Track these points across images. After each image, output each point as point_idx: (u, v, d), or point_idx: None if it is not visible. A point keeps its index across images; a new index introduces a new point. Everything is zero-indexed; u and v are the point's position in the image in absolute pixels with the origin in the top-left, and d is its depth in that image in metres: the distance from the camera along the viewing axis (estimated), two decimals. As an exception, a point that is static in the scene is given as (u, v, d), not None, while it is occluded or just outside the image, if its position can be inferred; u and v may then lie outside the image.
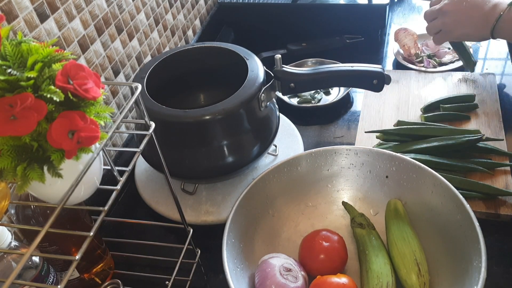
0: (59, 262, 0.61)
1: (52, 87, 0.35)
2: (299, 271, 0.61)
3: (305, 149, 0.84)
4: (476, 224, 0.56)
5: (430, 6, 0.88)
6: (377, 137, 0.85)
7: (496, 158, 0.77)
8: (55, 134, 0.35)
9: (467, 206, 0.58)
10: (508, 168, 0.75)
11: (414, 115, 0.89)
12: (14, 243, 0.51)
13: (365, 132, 0.85)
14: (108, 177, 0.50)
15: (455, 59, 1.01)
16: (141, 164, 0.85)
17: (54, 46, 0.38)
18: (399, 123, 0.86)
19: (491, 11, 0.76)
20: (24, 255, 0.35)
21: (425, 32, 1.08)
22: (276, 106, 0.79)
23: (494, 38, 0.78)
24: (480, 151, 0.78)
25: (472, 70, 0.93)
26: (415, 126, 0.84)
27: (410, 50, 1.04)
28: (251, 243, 0.65)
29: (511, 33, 0.76)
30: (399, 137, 0.83)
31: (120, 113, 0.68)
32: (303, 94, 0.99)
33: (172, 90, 0.81)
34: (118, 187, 0.42)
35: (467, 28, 0.81)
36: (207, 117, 0.66)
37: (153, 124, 0.49)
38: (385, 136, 0.84)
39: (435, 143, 0.78)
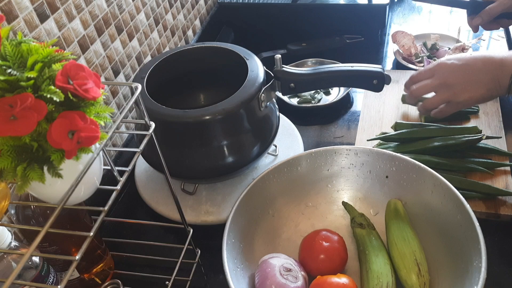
0: (59, 262, 0.61)
1: (52, 87, 0.35)
2: (299, 271, 0.61)
3: (305, 149, 0.84)
4: (476, 224, 0.56)
5: (414, 80, 0.79)
6: (391, 127, 0.85)
7: (496, 158, 0.77)
8: (55, 134, 0.35)
9: (467, 206, 0.58)
10: (508, 168, 0.75)
11: (414, 115, 0.89)
12: (14, 243, 0.51)
13: (367, 140, 0.85)
14: (108, 177, 0.50)
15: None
16: (141, 164, 0.85)
17: (54, 46, 0.38)
18: (397, 125, 0.85)
19: (500, 72, 0.70)
20: (24, 255, 0.35)
21: (423, 32, 1.09)
22: (276, 106, 0.79)
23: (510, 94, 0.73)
24: (480, 151, 0.78)
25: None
26: (414, 129, 0.83)
27: (410, 50, 1.04)
28: (251, 243, 0.65)
29: None
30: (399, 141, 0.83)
31: (120, 113, 0.68)
32: (303, 94, 0.99)
33: (172, 90, 0.81)
34: (118, 187, 0.42)
35: (479, 93, 0.72)
36: (207, 117, 0.66)
37: (153, 124, 0.49)
38: (386, 140, 0.84)
39: (435, 143, 0.78)
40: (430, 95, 0.77)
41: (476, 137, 0.77)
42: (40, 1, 0.65)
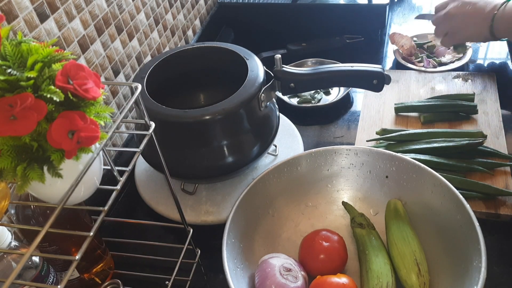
0: (59, 262, 0.61)
1: (52, 87, 0.35)
2: (299, 271, 0.61)
3: (305, 149, 0.84)
4: (476, 224, 0.56)
5: (436, 11, 0.92)
6: (377, 133, 0.85)
7: (496, 161, 0.77)
8: (55, 134, 0.35)
9: (467, 206, 0.58)
10: (508, 168, 0.75)
11: (413, 115, 0.89)
12: (14, 243, 0.51)
13: (367, 140, 0.85)
14: (108, 177, 0.50)
15: (455, 59, 1.01)
16: (141, 164, 0.85)
17: (54, 46, 0.38)
18: (384, 131, 0.85)
19: (489, 12, 0.80)
20: (24, 255, 0.35)
21: (422, 32, 1.09)
22: (276, 106, 0.79)
23: (496, 38, 0.82)
24: (480, 153, 0.78)
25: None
26: (416, 131, 0.83)
27: (410, 50, 1.04)
28: (251, 243, 0.65)
29: (507, 31, 0.80)
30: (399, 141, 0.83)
31: (120, 113, 0.68)
32: (303, 94, 0.99)
33: (172, 90, 0.81)
34: (118, 187, 0.42)
35: (470, 30, 0.85)
36: (207, 117, 0.66)
37: (153, 124, 0.49)
38: (386, 140, 0.83)
39: (435, 145, 0.78)
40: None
41: (477, 141, 0.77)
42: (40, 1, 0.65)
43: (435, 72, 0.99)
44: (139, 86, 0.46)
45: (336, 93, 0.99)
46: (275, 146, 0.84)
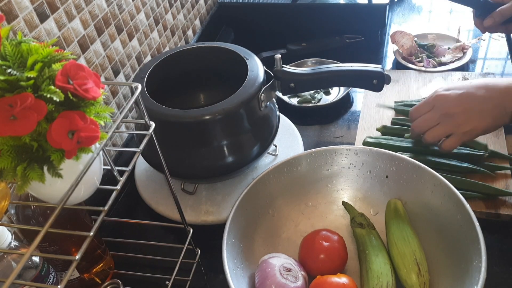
0: (59, 262, 0.61)
1: (52, 87, 0.35)
2: (299, 271, 0.61)
3: (305, 149, 0.84)
4: (476, 224, 0.56)
5: (414, 115, 0.75)
6: (377, 129, 0.85)
7: (497, 161, 0.77)
8: (55, 134, 0.35)
9: (467, 206, 0.58)
10: (508, 171, 0.75)
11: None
12: (14, 243, 0.51)
13: (367, 139, 0.84)
14: (108, 177, 0.50)
15: (454, 58, 1.01)
16: (141, 164, 0.85)
17: (54, 46, 0.38)
18: (385, 128, 0.85)
19: (506, 99, 0.67)
20: (24, 255, 0.35)
21: (422, 32, 1.09)
22: (276, 106, 0.79)
23: None
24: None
25: None
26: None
27: (410, 50, 1.04)
28: (251, 243, 0.65)
29: None
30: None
31: (120, 113, 0.68)
32: (303, 94, 0.99)
33: (172, 90, 0.81)
34: (118, 187, 0.42)
35: (485, 122, 0.68)
36: (207, 117, 0.66)
37: (153, 124, 0.49)
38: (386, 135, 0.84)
39: (435, 147, 0.78)
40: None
41: (478, 153, 0.76)
42: (40, 1, 0.65)
43: (435, 72, 0.99)
44: (139, 86, 0.46)
45: (336, 93, 0.99)
46: (275, 146, 0.84)
